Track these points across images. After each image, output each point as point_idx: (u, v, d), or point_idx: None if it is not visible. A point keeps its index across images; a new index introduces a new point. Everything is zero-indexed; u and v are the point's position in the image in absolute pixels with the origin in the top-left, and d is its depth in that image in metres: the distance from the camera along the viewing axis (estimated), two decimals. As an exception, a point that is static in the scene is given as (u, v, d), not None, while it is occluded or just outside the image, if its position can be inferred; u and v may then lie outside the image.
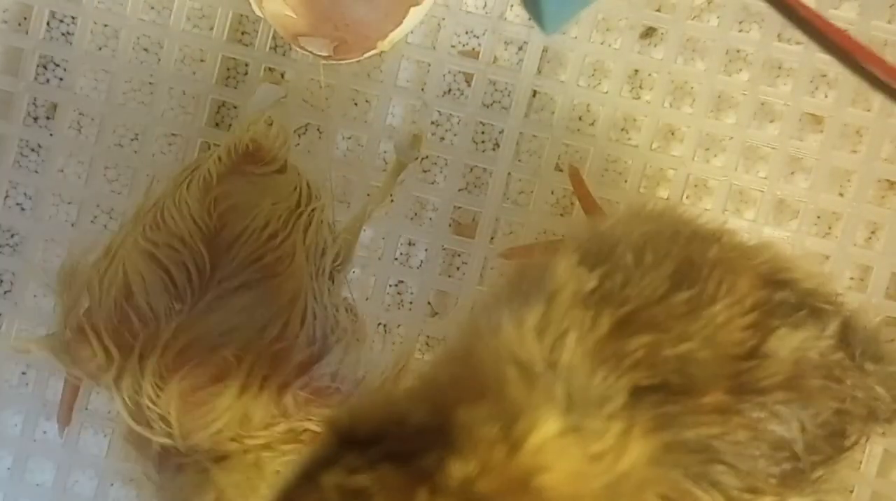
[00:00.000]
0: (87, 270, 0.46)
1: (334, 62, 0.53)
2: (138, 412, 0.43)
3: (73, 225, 0.56)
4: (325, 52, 0.53)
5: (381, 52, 0.53)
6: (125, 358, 0.43)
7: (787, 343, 0.36)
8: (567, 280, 0.35)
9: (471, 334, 0.37)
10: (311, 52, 0.53)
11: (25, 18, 0.55)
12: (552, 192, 0.57)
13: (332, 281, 0.48)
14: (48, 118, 0.56)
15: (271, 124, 0.50)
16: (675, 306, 0.35)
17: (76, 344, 0.45)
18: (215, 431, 0.42)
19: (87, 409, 0.56)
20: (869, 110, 0.55)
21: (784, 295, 0.38)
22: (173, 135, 0.56)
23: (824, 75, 0.56)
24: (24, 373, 0.57)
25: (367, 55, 0.53)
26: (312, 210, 0.48)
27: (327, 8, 0.53)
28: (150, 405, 0.43)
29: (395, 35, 0.52)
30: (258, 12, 0.52)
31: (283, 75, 0.56)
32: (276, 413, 0.43)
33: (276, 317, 0.45)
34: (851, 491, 0.56)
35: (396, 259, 0.57)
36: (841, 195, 0.56)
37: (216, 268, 0.45)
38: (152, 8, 0.56)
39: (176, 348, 0.43)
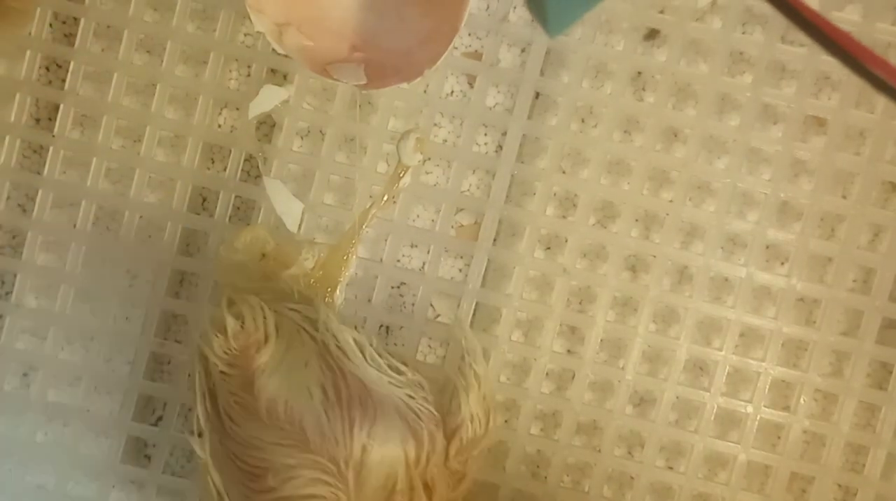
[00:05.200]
0: None
1: (374, 89, 0.52)
2: None
3: (74, 225, 0.56)
4: (361, 79, 0.51)
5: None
6: None
7: None
8: None
9: None
10: (347, 83, 0.51)
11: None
12: (555, 194, 0.56)
13: None
14: (49, 119, 0.56)
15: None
16: None
17: None
18: None
19: (88, 411, 0.56)
20: (872, 112, 0.55)
21: None
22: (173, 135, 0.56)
23: (828, 77, 0.56)
24: (25, 375, 0.57)
25: (415, 80, 0.51)
26: None
27: (340, 25, 0.52)
28: None
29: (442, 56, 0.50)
30: (280, 50, 0.51)
31: (285, 77, 0.56)
32: None
33: None
34: (855, 494, 0.56)
35: (399, 261, 0.56)
36: (844, 197, 0.56)
37: None
38: (155, 9, 0.56)
39: None
